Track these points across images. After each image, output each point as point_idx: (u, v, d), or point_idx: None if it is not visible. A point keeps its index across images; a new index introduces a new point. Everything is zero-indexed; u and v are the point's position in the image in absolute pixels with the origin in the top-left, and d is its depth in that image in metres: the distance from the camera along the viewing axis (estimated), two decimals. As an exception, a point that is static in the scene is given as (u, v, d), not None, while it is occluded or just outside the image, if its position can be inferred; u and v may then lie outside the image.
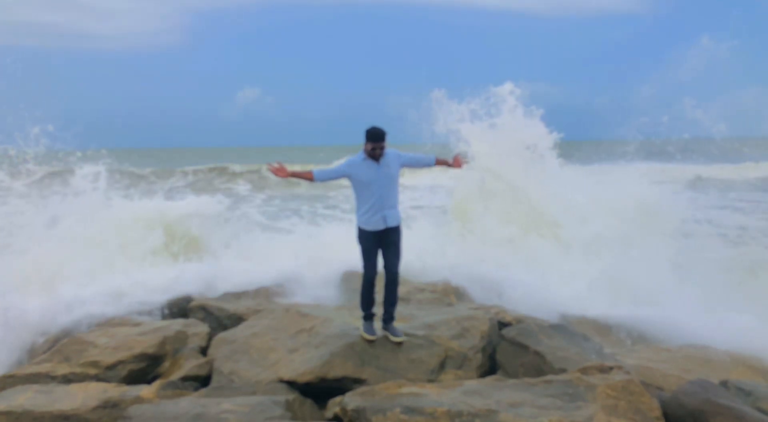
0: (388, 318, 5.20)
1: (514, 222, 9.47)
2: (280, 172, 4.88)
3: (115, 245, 8.56)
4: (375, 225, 4.93)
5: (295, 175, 4.95)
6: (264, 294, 7.39)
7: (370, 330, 5.15)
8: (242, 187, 29.73)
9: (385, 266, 5.05)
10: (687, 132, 10.43)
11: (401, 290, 5.22)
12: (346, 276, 7.76)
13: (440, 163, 5.44)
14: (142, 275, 7.74)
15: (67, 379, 5.15)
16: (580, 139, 10.21)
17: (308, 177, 4.93)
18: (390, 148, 4.95)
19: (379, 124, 4.88)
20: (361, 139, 4.88)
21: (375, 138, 4.81)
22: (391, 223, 4.95)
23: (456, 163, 5.48)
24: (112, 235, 8.68)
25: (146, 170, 36.61)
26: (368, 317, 5.21)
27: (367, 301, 5.15)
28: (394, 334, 5.12)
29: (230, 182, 32.70)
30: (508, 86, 10.49)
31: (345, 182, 5.07)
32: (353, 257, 6.08)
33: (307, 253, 8.50)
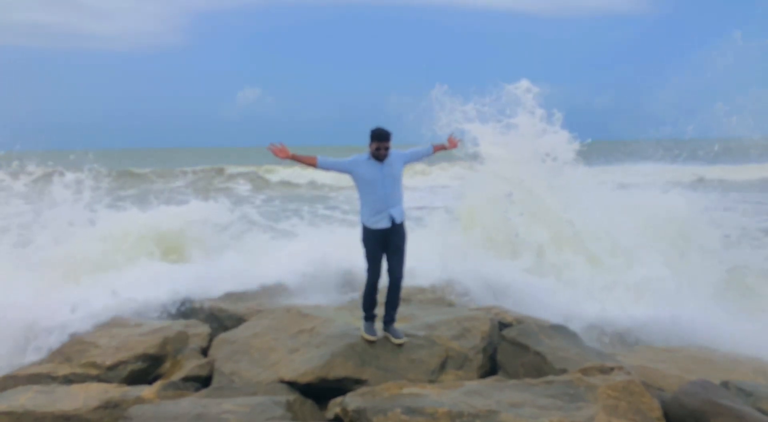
0: (389, 319, 5.20)
1: (540, 232, 8.74)
2: (281, 153, 4.86)
3: (104, 260, 8.09)
4: (381, 223, 4.92)
5: (296, 158, 4.86)
6: (265, 294, 7.39)
7: (370, 330, 5.15)
8: (242, 187, 29.73)
9: (390, 271, 5.04)
10: (689, 133, 10.15)
11: (401, 290, 5.22)
12: (347, 277, 7.76)
13: (438, 149, 5.55)
14: (141, 276, 7.71)
15: (68, 380, 5.15)
16: (580, 140, 9.85)
17: (311, 162, 4.89)
18: (393, 148, 4.96)
19: (380, 124, 4.91)
20: (361, 139, 4.90)
21: (380, 138, 4.83)
22: (398, 219, 4.96)
23: (451, 143, 5.63)
24: (99, 251, 8.21)
25: (146, 170, 36.68)
26: (369, 318, 5.21)
27: (369, 303, 5.15)
28: (395, 336, 5.12)
29: (230, 182, 32.71)
30: (524, 83, 9.45)
31: (346, 183, 5.06)
32: (354, 257, 6.06)
33: (308, 254, 8.48)
